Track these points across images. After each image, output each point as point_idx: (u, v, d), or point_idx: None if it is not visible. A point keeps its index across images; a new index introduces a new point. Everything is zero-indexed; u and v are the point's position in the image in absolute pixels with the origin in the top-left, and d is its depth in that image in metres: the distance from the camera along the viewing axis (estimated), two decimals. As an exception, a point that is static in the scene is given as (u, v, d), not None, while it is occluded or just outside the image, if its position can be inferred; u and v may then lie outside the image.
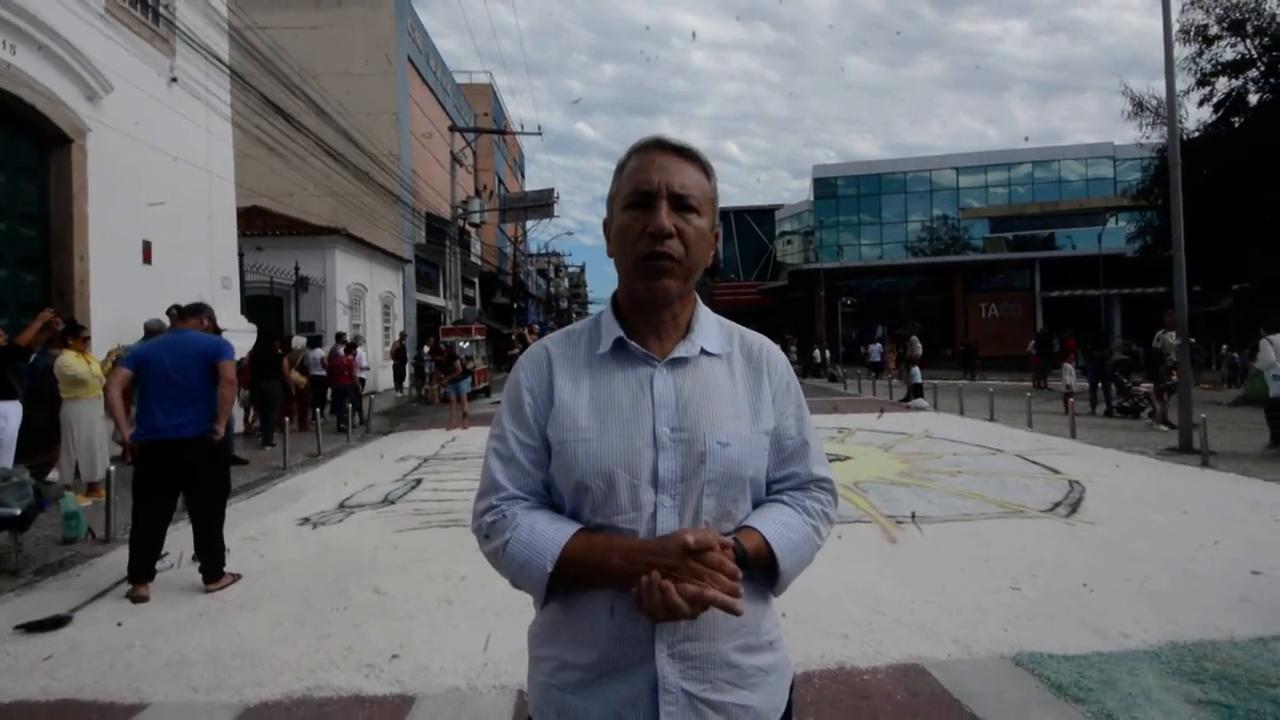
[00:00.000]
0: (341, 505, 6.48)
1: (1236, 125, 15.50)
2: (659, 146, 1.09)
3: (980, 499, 6.07)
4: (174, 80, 10.18)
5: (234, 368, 4.45)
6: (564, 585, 1.02)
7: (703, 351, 1.10)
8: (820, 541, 1.15)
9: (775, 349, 1.21)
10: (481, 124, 30.73)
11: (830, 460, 7.38)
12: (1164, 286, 18.59)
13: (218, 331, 4.97)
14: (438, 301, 26.04)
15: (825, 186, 35.93)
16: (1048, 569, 4.29)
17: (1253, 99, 15.32)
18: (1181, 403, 8.93)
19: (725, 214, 45.74)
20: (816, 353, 27.09)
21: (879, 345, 17.00)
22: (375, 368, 17.92)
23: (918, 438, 9.81)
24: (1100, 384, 13.30)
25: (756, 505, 1.12)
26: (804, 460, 1.16)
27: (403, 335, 20.92)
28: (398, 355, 19.68)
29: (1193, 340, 10.07)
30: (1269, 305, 15.67)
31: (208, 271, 10.98)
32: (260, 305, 14.03)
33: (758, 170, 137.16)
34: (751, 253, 43.92)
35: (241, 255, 12.48)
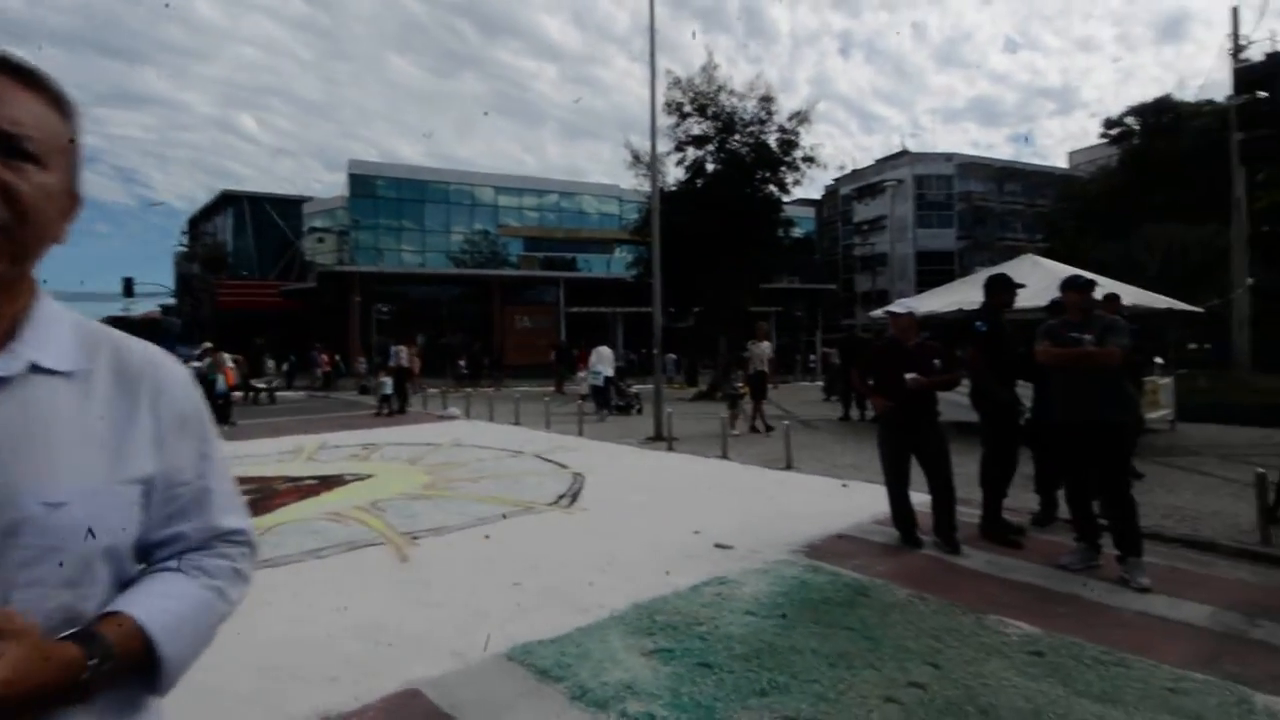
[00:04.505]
0: None
1: (699, 185, 20.01)
2: None
3: (497, 501, 6.37)
4: None
5: None
6: None
7: (35, 368, 0.75)
8: (228, 606, 0.89)
9: (172, 366, 0.88)
10: None
11: (350, 480, 6.71)
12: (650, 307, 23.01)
13: None
14: None
15: (363, 184, 34.45)
16: (548, 559, 4.65)
17: (710, 166, 20.00)
18: (656, 400, 11.01)
19: (238, 199, 39.84)
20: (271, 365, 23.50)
21: (402, 349, 16.77)
22: None
23: (447, 447, 9.96)
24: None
25: (127, 586, 0.80)
26: (204, 513, 0.88)
27: None
28: None
29: (671, 355, 12.70)
30: (714, 323, 20.72)
31: None
32: None
33: (282, 154, 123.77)
34: (273, 248, 38.97)
35: None
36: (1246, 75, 5.10)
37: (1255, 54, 14.89)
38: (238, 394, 15.05)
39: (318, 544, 5.01)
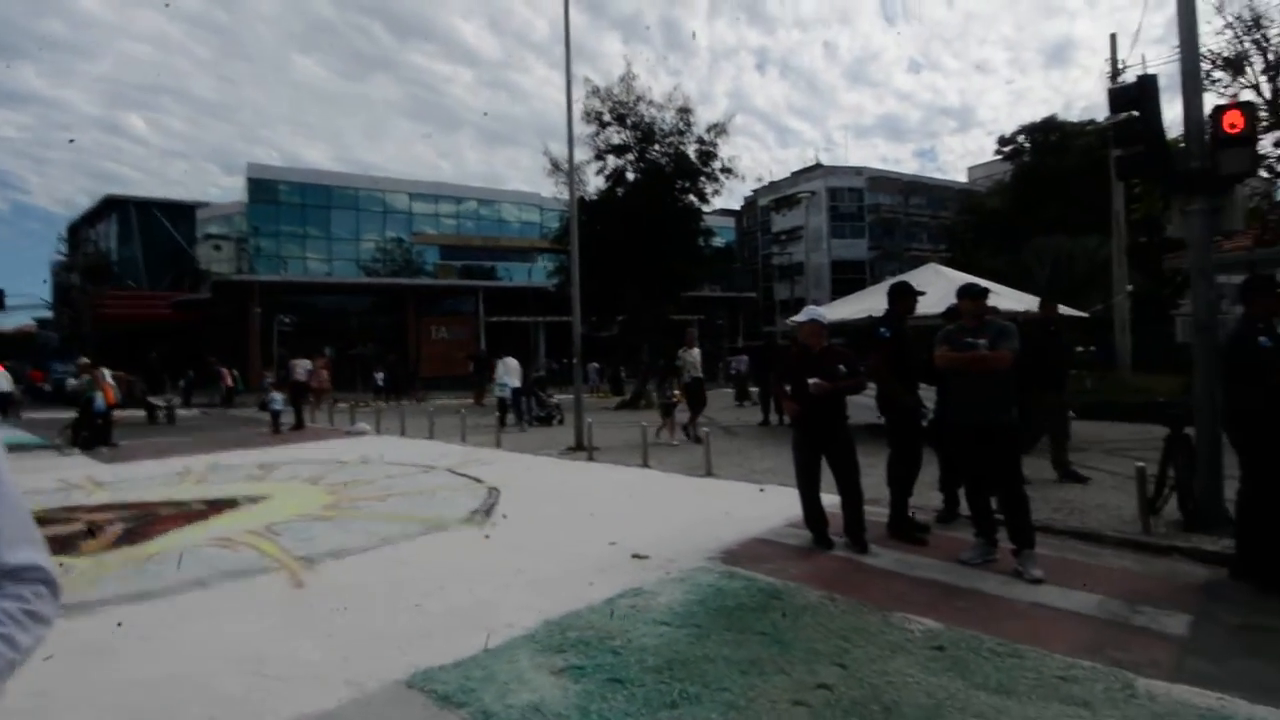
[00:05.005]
0: None
1: (620, 194, 20.00)
2: None
3: (405, 520, 6.08)
4: None
5: None
6: None
7: None
8: (18, 654, 0.78)
9: None
10: None
11: (243, 502, 6.28)
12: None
13: None
14: None
15: (264, 189, 32.74)
16: (455, 578, 4.44)
17: (630, 176, 20.03)
18: (577, 409, 10.86)
19: (124, 204, 37.11)
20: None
21: (299, 363, 15.92)
22: None
23: (353, 465, 9.49)
24: (525, 397, 15.37)
25: None
26: None
27: None
28: None
29: (594, 364, 12.58)
30: (637, 332, 20.73)
31: None
32: None
33: (174, 157, 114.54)
34: (163, 257, 36.21)
35: None
36: (1120, 96, 5.49)
37: (1131, 78, 16.21)
38: (120, 413, 13.93)
39: (201, 572, 4.62)
